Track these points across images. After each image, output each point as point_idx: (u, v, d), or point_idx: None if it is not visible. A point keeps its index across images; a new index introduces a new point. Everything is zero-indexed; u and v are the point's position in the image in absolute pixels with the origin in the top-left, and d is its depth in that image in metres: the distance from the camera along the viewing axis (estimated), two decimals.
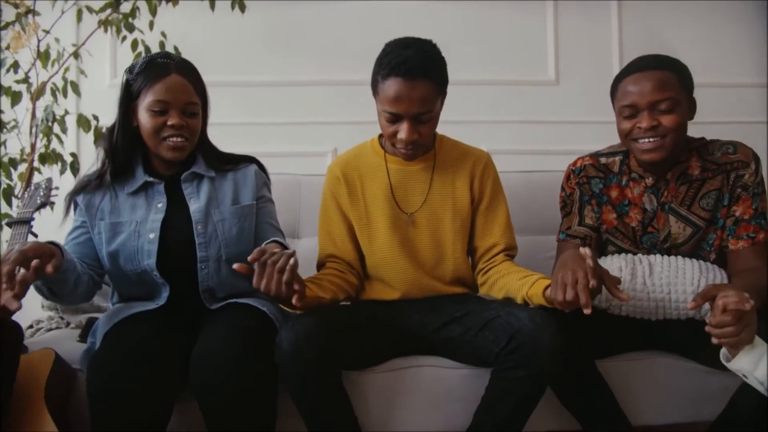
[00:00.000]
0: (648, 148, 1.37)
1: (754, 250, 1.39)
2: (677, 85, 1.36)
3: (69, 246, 1.39)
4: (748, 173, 1.40)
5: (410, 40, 1.35)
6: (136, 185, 1.39)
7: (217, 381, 1.17)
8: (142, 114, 1.35)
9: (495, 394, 1.27)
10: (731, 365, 1.12)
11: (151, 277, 1.34)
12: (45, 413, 1.20)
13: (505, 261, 1.44)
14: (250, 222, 1.44)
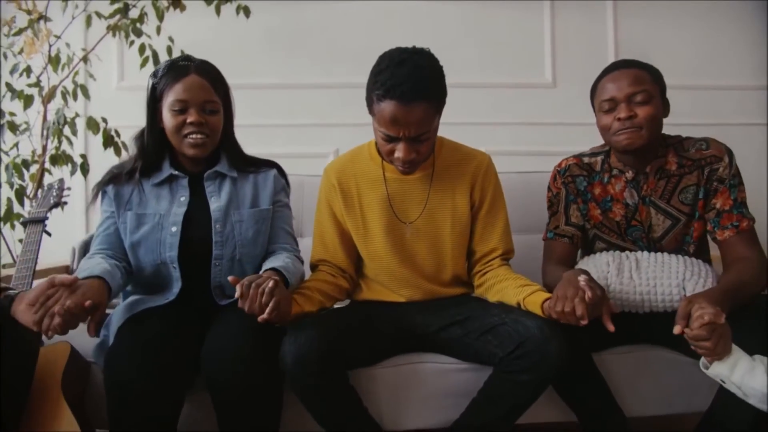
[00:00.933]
0: (625, 136, 1.44)
1: (742, 239, 1.44)
2: (651, 81, 1.46)
3: (100, 237, 1.44)
4: (722, 167, 1.46)
5: (406, 54, 1.30)
6: (161, 177, 1.45)
7: (227, 377, 1.23)
8: (165, 114, 1.41)
9: (495, 391, 1.32)
10: (709, 372, 1.17)
11: (169, 269, 1.40)
12: (63, 404, 1.26)
13: (502, 266, 1.49)
14: (266, 225, 1.49)
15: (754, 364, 1.11)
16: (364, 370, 1.41)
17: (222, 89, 1.46)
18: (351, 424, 1.34)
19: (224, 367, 1.22)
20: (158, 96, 1.42)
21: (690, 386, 1.47)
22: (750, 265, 1.40)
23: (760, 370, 1.10)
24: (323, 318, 1.35)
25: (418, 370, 1.44)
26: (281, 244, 1.51)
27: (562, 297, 1.23)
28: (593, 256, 1.54)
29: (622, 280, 1.42)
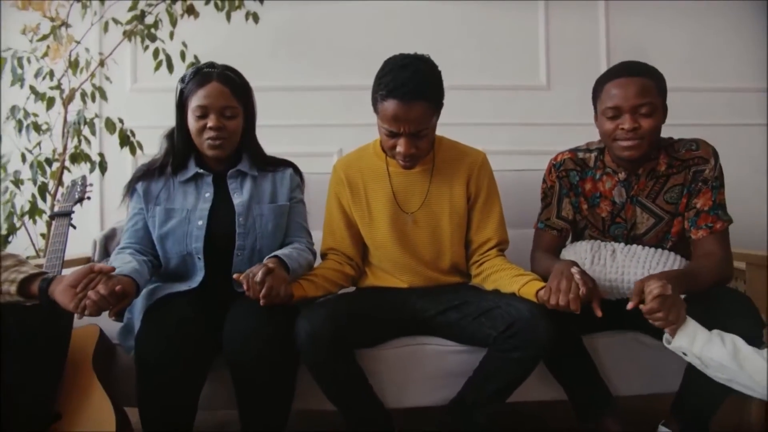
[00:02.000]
0: (627, 146, 1.50)
1: (714, 238, 1.53)
2: (656, 92, 1.50)
3: (129, 232, 1.57)
4: (708, 168, 1.55)
5: (408, 59, 1.44)
6: (188, 175, 1.57)
7: (246, 355, 1.35)
8: (189, 117, 1.53)
9: (489, 369, 1.44)
10: (671, 346, 1.28)
11: (194, 260, 1.52)
12: (95, 379, 1.38)
13: (498, 256, 1.61)
14: (284, 219, 1.62)
15: (711, 337, 1.22)
16: (369, 351, 1.52)
17: (242, 95, 1.57)
18: (357, 400, 1.46)
19: (244, 345, 1.34)
20: (184, 100, 1.54)
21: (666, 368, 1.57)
22: (713, 259, 1.49)
23: (717, 341, 1.21)
24: (333, 301, 1.48)
25: (418, 351, 1.56)
26: (296, 237, 1.64)
27: (556, 290, 1.34)
28: (575, 244, 1.65)
29: (595, 267, 1.53)
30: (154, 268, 1.56)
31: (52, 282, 1.28)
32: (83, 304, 1.24)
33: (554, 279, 1.37)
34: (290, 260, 1.46)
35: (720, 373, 1.22)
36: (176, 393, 1.35)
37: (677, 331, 1.26)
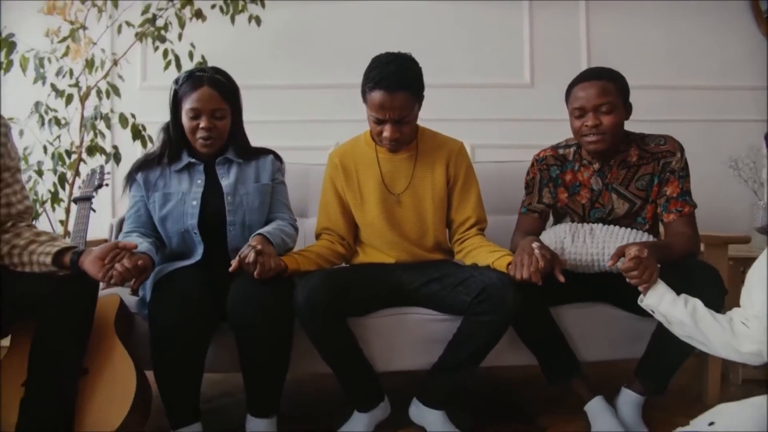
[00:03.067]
0: (592, 140, 1.71)
1: (683, 220, 1.73)
2: (615, 92, 1.70)
3: (132, 218, 1.75)
4: (675, 160, 1.74)
5: (392, 56, 1.66)
6: (181, 164, 1.76)
7: (249, 318, 1.52)
8: (183, 117, 1.71)
9: (465, 333, 1.61)
10: (643, 304, 1.46)
11: (191, 235, 1.70)
12: (117, 341, 1.55)
13: (477, 235, 1.79)
14: (268, 197, 1.81)
15: (676, 299, 1.39)
16: (359, 319, 1.70)
17: (231, 96, 1.74)
18: (349, 361, 1.64)
19: (247, 311, 1.52)
20: (179, 100, 1.72)
21: (631, 336, 1.76)
22: (682, 238, 1.69)
23: (680, 303, 1.38)
24: (327, 272, 1.66)
25: (403, 320, 1.74)
26: (279, 213, 1.82)
27: (519, 264, 1.53)
28: (555, 226, 1.83)
29: (577, 244, 1.71)
30: (158, 249, 1.73)
31: (81, 254, 1.45)
32: (110, 274, 1.41)
33: (518, 255, 1.56)
34: (272, 236, 1.64)
35: (680, 329, 1.39)
36: (185, 354, 1.53)
37: (649, 291, 1.44)
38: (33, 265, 1.46)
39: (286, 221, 1.80)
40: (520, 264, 1.53)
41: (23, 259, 1.46)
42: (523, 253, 1.55)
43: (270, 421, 1.63)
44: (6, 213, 1.51)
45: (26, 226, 1.54)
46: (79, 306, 1.46)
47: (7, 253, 1.47)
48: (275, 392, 1.62)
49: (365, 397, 1.69)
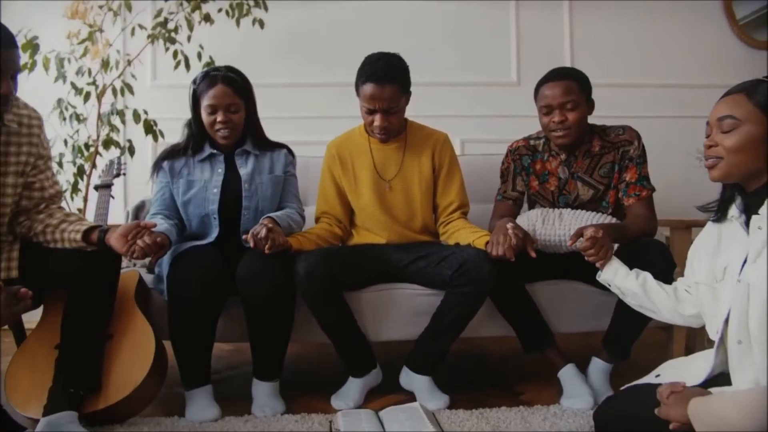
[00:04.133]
0: (559, 135, 1.90)
1: (641, 203, 1.91)
2: (579, 90, 1.88)
3: (158, 201, 1.93)
4: (633, 149, 1.93)
5: (381, 54, 1.87)
6: (204, 155, 1.94)
7: (256, 289, 1.72)
8: (202, 112, 1.89)
9: (448, 304, 1.80)
10: (600, 278, 1.64)
11: (210, 219, 1.90)
12: (137, 311, 1.75)
13: (460, 218, 1.99)
14: (280, 188, 2.00)
15: (629, 273, 1.57)
16: (353, 293, 1.89)
17: (243, 91, 1.93)
18: (344, 330, 1.83)
19: (255, 283, 1.72)
20: (197, 98, 1.91)
21: (598, 310, 1.94)
22: (640, 219, 1.88)
23: (632, 276, 1.56)
24: (325, 249, 1.85)
25: (393, 295, 1.93)
26: (288, 203, 2.01)
27: (495, 242, 1.72)
28: (528, 211, 2.02)
29: (546, 227, 1.90)
30: (179, 230, 1.92)
31: (107, 232, 1.64)
32: (132, 249, 1.60)
33: (494, 235, 1.75)
34: (280, 219, 1.83)
35: (633, 300, 1.57)
36: (199, 321, 1.72)
37: (605, 267, 1.62)
38: (64, 242, 1.65)
39: (295, 210, 1.99)
40: (496, 242, 1.72)
41: (55, 236, 1.65)
42: (499, 233, 1.74)
43: (273, 384, 1.82)
44: (39, 196, 1.70)
45: (57, 208, 1.74)
46: (104, 278, 1.65)
47: (41, 231, 1.66)
48: (278, 358, 1.81)
49: (359, 363, 1.88)
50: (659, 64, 3.19)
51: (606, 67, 3.16)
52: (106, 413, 1.59)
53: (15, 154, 1.63)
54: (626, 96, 3.12)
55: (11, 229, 1.67)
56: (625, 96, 3.13)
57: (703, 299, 1.37)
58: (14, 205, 1.66)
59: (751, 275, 1.17)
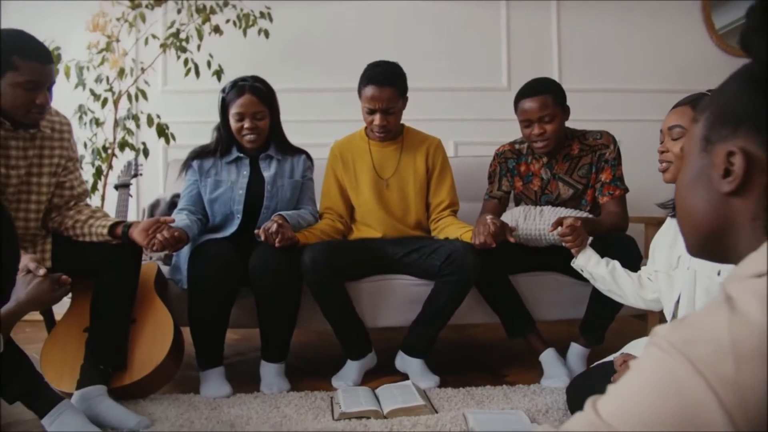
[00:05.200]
0: (540, 146, 2.09)
1: (614, 202, 2.10)
2: (553, 103, 2.06)
3: (186, 197, 2.10)
4: (609, 152, 2.12)
5: (382, 61, 2.09)
6: (231, 158, 2.12)
7: (267, 278, 1.90)
8: (230, 119, 2.07)
9: (437, 291, 1.99)
10: (574, 264, 1.82)
11: (234, 216, 2.08)
12: (156, 297, 1.93)
13: (449, 216, 2.17)
14: (297, 191, 2.19)
15: (600, 260, 1.76)
16: (352, 283, 2.07)
17: (268, 100, 2.10)
18: (344, 316, 2.01)
19: (266, 273, 1.90)
20: (226, 105, 2.08)
21: (576, 299, 2.12)
22: (612, 216, 2.07)
23: (603, 263, 1.74)
24: (328, 242, 2.04)
25: (389, 285, 2.12)
26: (305, 205, 2.20)
27: (477, 233, 1.92)
28: (512, 209, 2.21)
29: (528, 222, 2.09)
30: (203, 224, 2.10)
31: (130, 227, 1.83)
32: (153, 242, 1.79)
33: (476, 227, 1.94)
34: (290, 217, 2.02)
35: (602, 285, 1.75)
36: (215, 306, 1.90)
37: (579, 254, 1.80)
38: (92, 236, 1.83)
39: (309, 212, 2.17)
40: (477, 232, 1.91)
41: (84, 230, 1.84)
42: (480, 224, 1.93)
43: (280, 365, 2.00)
44: (69, 194, 1.89)
45: (84, 205, 1.92)
46: (127, 267, 1.84)
47: (71, 226, 1.84)
48: (285, 341, 1.99)
49: (357, 347, 2.06)
50: (642, 71, 3.38)
51: (591, 73, 3.35)
52: (131, 388, 1.77)
53: (48, 156, 1.82)
54: (610, 100, 3.31)
55: (44, 224, 1.86)
56: (609, 100, 3.32)
57: (662, 285, 1.55)
58: (47, 203, 1.84)
59: (697, 263, 1.35)
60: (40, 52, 1.66)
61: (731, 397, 0.47)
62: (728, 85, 0.63)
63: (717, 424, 0.47)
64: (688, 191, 0.67)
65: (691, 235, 0.68)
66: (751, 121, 0.58)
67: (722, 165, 0.60)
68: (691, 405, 0.48)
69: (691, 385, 0.49)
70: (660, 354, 0.52)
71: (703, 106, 0.66)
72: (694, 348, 0.50)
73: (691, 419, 0.48)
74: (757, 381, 0.47)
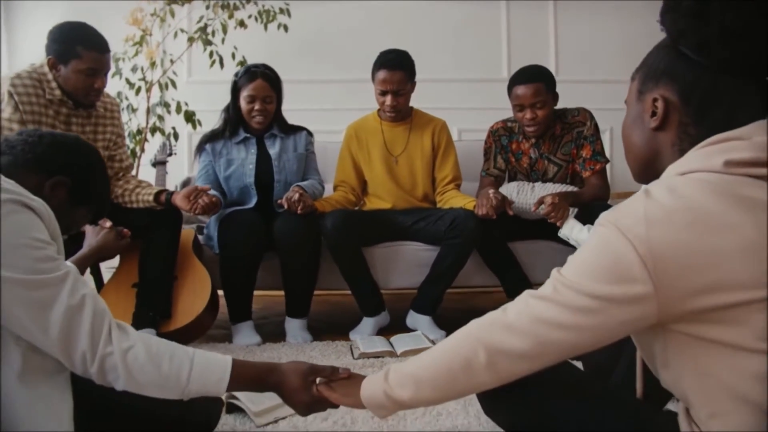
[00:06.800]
0: (531, 129, 2.32)
1: (596, 176, 2.33)
2: (545, 90, 2.27)
3: (201, 177, 2.35)
4: (586, 128, 2.34)
5: (393, 49, 2.34)
6: (239, 138, 2.36)
7: (292, 243, 2.15)
8: (241, 101, 2.31)
9: (443, 254, 2.23)
10: (560, 234, 2.05)
11: (249, 189, 2.32)
12: (194, 258, 2.18)
13: (453, 189, 2.42)
14: (303, 163, 2.43)
15: (582, 227, 2.00)
16: (367, 249, 2.31)
17: (276, 86, 2.34)
18: (360, 277, 2.26)
19: (290, 236, 2.14)
20: (238, 89, 2.33)
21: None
22: (594, 188, 2.30)
23: (585, 230, 1.98)
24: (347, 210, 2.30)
25: (399, 250, 2.37)
26: (311, 175, 2.45)
27: (480, 205, 2.16)
28: (507, 184, 2.45)
29: (521, 197, 2.33)
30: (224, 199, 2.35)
31: (173, 194, 2.08)
32: (195, 206, 2.04)
33: (479, 199, 2.19)
34: (307, 187, 2.27)
35: None
36: (244, 266, 2.15)
37: (563, 225, 2.04)
38: (139, 203, 2.08)
39: (317, 181, 2.42)
40: (480, 204, 2.15)
41: (132, 198, 2.09)
42: (482, 197, 2.18)
43: (303, 321, 2.24)
44: (118, 167, 2.14)
45: (131, 176, 2.18)
46: (170, 230, 2.10)
47: (121, 194, 2.10)
48: (307, 298, 2.24)
49: (372, 304, 2.30)
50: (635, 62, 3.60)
51: (586, 64, 3.59)
52: (175, 335, 2.02)
53: (102, 132, 2.07)
54: (603, 91, 3.55)
55: None
56: (603, 91, 3.55)
57: None
58: None
59: None
60: (100, 42, 1.92)
61: (643, 248, 0.72)
62: (653, 52, 0.88)
63: (634, 264, 0.72)
64: (629, 131, 0.91)
65: (634, 164, 0.93)
66: (667, 77, 0.83)
67: (650, 109, 0.85)
68: (618, 255, 0.73)
69: (618, 242, 0.74)
70: (600, 228, 0.77)
71: (638, 68, 0.91)
72: (621, 220, 0.75)
73: (618, 263, 0.73)
74: (661, 238, 0.71)
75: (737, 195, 0.72)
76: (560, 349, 0.81)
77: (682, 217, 0.71)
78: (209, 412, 1.31)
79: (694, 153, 0.79)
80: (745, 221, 0.70)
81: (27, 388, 0.90)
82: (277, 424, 1.37)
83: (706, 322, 0.72)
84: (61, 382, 0.95)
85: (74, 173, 1.09)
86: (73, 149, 1.13)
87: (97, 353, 0.92)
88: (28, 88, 1.86)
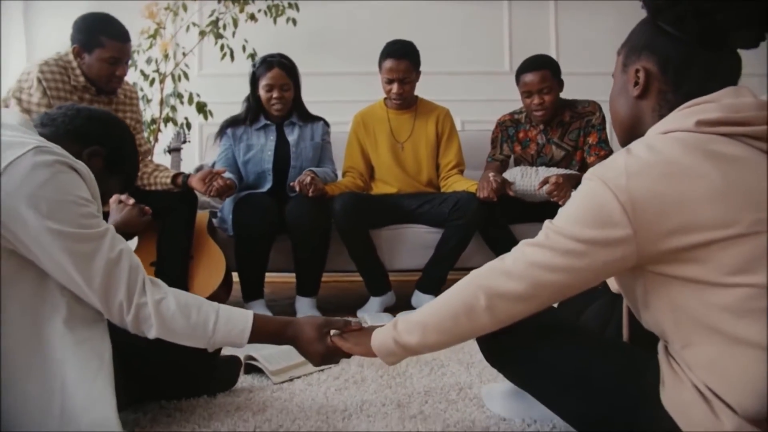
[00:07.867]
0: (538, 114, 2.43)
1: (600, 162, 2.42)
2: (551, 77, 2.39)
3: (221, 160, 2.45)
4: (595, 117, 2.46)
5: (399, 40, 2.45)
6: (259, 125, 2.47)
7: (303, 225, 2.25)
8: (260, 90, 2.42)
9: (447, 235, 2.34)
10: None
11: (266, 175, 2.43)
12: (209, 239, 2.29)
13: (456, 174, 2.52)
14: (318, 151, 2.53)
15: None
16: (374, 231, 2.42)
17: (293, 74, 2.45)
18: (367, 257, 2.36)
19: (302, 218, 2.25)
20: (257, 78, 2.43)
21: None
22: None
23: None
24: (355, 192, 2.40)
25: (405, 232, 2.47)
26: (325, 163, 2.55)
27: (481, 188, 2.27)
28: (511, 168, 2.55)
29: (524, 180, 2.43)
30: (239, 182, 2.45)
31: (189, 176, 2.18)
32: (210, 188, 2.14)
33: (480, 182, 2.30)
34: (319, 172, 2.37)
35: None
36: (257, 246, 2.26)
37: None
38: (157, 185, 2.19)
39: (330, 169, 2.53)
40: (481, 187, 2.26)
41: (150, 180, 2.19)
42: (483, 181, 2.29)
43: (312, 299, 2.35)
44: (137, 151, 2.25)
45: (149, 161, 2.28)
46: (187, 210, 2.21)
47: (140, 177, 2.20)
48: (317, 278, 2.35)
49: (378, 284, 2.40)
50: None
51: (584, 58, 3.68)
52: None
53: (122, 118, 2.17)
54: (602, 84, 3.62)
55: None
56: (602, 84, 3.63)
57: None
58: None
59: None
60: (121, 32, 2.02)
61: (624, 196, 0.82)
62: (636, 29, 0.99)
63: (615, 210, 0.82)
64: (615, 101, 1.01)
65: (619, 130, 1.03)
66: (647, 50, 0.93)
67: (633, 79, 0.95)
68: (601, 203, 0.83)
69: (602, 192, 0.84)
70: (587, 181, 0.87)
71: (623, 43, 1.01)
72: (604, 173, 0.85)
73: (601, 210, 0.83)
74: (639, 187, 0.81)
75: (707, 150, 0.81)
76: (553, 290, 0.90)
77: (658, 169, 0.81)
78: (231, 371, 1.42)
79: (672, 116, 0.89)
80: (712, 172, 0.79)
81: (72, 333, 1.00)
82: (292, 382, 1.47)
83: (678, 261, 0.81)
84: (101, 329, 1.05)
85: (108, 143, 1.20)
86: (107, 122, 1.24)
87: (132, 303, 1.03)
88: (55, 75, 1.97)
